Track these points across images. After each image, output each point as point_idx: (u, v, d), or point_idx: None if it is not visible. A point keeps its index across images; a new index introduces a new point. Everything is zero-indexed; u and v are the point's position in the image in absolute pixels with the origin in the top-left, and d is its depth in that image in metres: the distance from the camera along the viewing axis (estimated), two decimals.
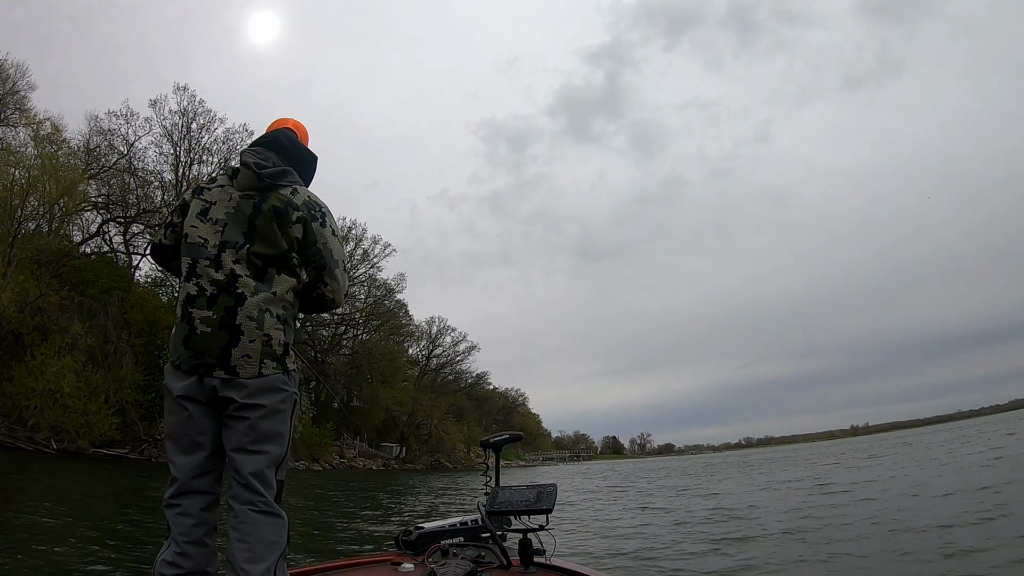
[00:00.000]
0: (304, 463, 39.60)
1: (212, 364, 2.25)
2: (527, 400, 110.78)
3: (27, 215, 26.84)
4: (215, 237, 2.39)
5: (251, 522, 2.17)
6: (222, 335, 2.26)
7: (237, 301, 2.31)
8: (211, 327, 2.27)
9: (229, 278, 2.33)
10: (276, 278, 2.41)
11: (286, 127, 2.79)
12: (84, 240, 34.42)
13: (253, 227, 2.41)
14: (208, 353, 2.25)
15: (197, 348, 2.26)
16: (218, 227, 2.41)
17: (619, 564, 8.20)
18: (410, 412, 58.10)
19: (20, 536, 8.06)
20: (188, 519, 2.21)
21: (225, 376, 2.25)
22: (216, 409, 2.29)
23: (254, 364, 2.28)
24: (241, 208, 2.43)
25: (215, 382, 2.24)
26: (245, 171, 2.47)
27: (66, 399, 23.29)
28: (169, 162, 37.08)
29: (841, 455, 28.80)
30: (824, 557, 7.52)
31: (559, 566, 2.95)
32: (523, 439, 4.63)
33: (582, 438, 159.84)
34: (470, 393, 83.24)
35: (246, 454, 2.24)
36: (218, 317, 2.28)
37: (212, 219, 2.42)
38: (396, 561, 3.06)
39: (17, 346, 24.09)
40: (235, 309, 2.30)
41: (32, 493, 13.29)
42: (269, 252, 2.41)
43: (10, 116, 30.20)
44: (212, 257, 2.36)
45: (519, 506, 3.17)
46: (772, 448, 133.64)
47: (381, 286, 57.57)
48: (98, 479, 18.37)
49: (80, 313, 27.03)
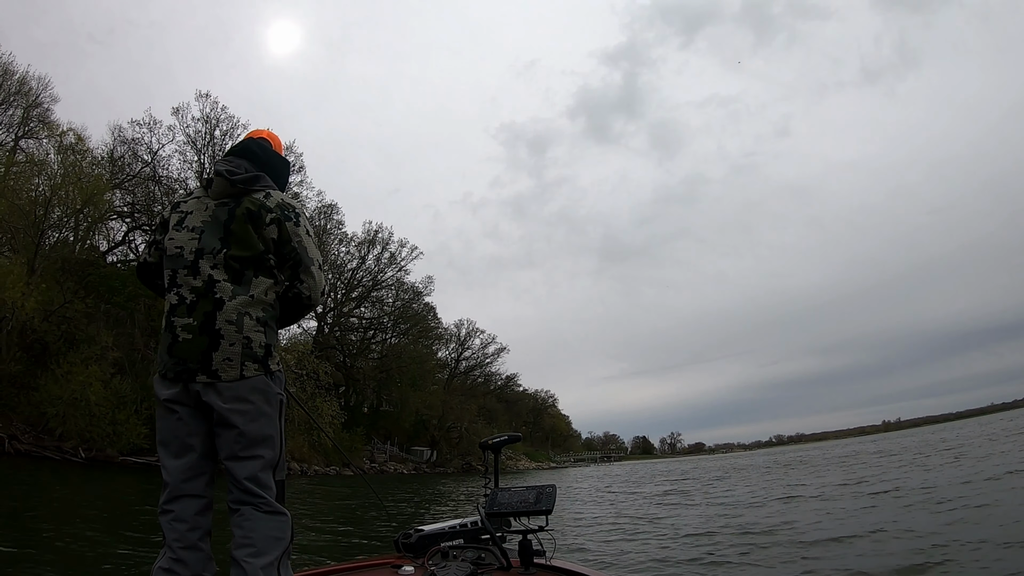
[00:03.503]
0: (335, 468, 39.25)
1: (194, 369, 2.28)
2: (557, 401, 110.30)
3: (51, 224, 26.81)
4: (191, 244, 2.42)
5: (254, 520, 2.22)
6: (202, 340, 2.30)
7: (216, 306, 2.34)
8: (192, 333, 2.31)
9: (207, 284, 2.36)
10: (253, 280, 2.43)
11: (260, 136, 2.84)
12: (110, 249, 34.50)
13: (229, 231, 2.44)
14: (190, 359, 2.28)
15: (180, 355, 2.29)
16: (194, 235, 2.44)
17: (620, 564, 7.81)
18: (440, 415, 57.58)
19: (52, 544, 7.86)
20: (182, 524, 2.22)
21: (207, 380, 2.28)
22: (205, 414, 2.30)
23: (235, 367, 2.31)
24: (216, 215, 2.46)
25: (198, 387, 2.28)
26: (218, 179, 2.51)
27: (93, 408, 23.09)
28: (193, 169, 36.93)
29: (917, 454, 26.81)
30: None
31: (559, 567, 2.96)
32: (520, 439, 4.26)
33: (612, 439, 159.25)
34: (500, 395, 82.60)
35: (239, 461, 2.28)
36: (198, 323, 2.32)
37: (188, 227, 2.45)
38: (396, 564, 3.04)
39: (44, 355, 24.00)
40: (214, 314, 2.33)
41: (63, 501, 12.96)
42: (245, 254, 2.43)
43: (34, 128, 30.37)
44: (189, 265, 2.39)
45: (518, 507, 3.17)
46: (806, 445, 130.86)
47: (409, 289, 57.30)
48: (127, 486, 18.07)
49: (106, 321, 26.95)
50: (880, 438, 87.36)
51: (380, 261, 54.06)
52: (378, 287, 55.08)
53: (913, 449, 30.76)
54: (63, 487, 16.01)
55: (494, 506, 3.24)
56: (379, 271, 54.44)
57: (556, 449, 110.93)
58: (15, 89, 29.22)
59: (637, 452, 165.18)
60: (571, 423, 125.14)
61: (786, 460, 38.73)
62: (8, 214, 24.00)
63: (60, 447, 22.24)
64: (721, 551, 8.09)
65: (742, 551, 7.99)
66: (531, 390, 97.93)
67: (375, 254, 53.76)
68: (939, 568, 6.27)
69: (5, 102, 29.12)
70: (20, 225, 24.43)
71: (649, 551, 8.50)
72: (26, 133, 30.18)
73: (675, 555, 8.07)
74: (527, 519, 3.14)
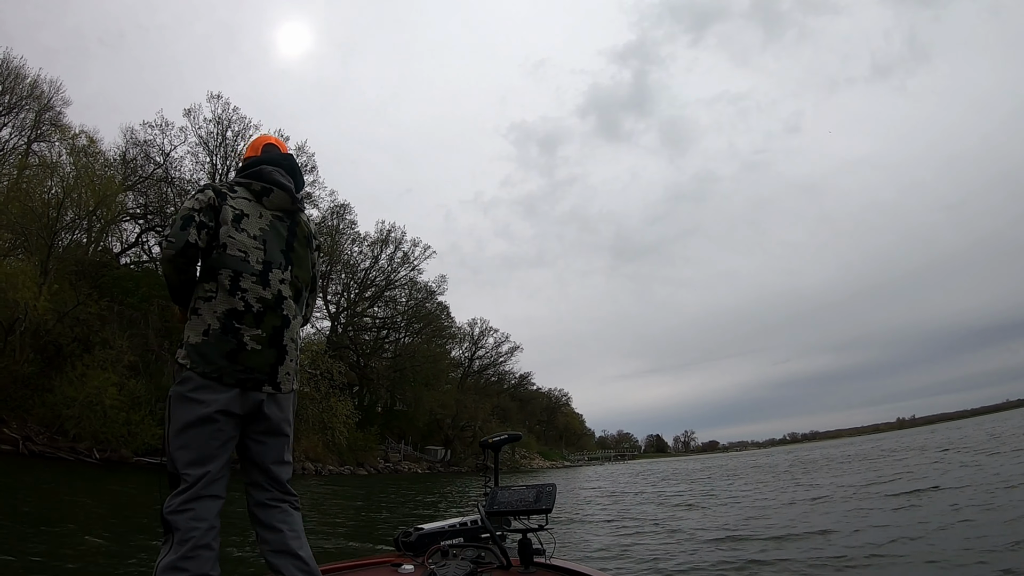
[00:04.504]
0: (349, 468, 39.20)
1: (261, 380, 2.38)
2: (570, 400, 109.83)
3: (64, 226, 26.89)
4: (257, 253, 2.46)
5: (295, 515, 2.46)
6: (271, 353, 2.41)
7: (283, 323, 2.47)
8: (261, 345, 2.39)
9: (276, 298, 2.46)
10: (306, 302, 2.68)
11: (288, 153, 2.85)
12: (123, 250, 34.68)
13: (291, 250, 2.58)
14: (258, 369, 2.37)
15: (248, 364, 2.35)
16: (258, 244, 2.48)
17: (622, 565, 7.60)
18: (454, 414, 57.46)
19: (67, 542, 7.82)
20: (202, 523, 2.21)
21: (271, 391, 2.42)
22: (240, 422, 2.38)
23: (291, 381, 2.51)
24: (276, 228, 2.55)
25: (262, 396, 2.39)
26: (280, 193, 2.61)
27: (108, 411, 23.11)
28: (206, 170, 37.10)
29: (944, 450, 25.93)
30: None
31: (559, 566, 2.96)
32: (520, 439, 4.23)
33: (625, 437, 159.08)
34: (514, 394, 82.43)
35: (283, 465, 2.48)
36: (267, 336, 2.41)
37: (248, 232, 2.47)
38: (396, 562, 3.05)
39: (58, 356, 24.07)
40: (282, 330, 2.45)
41: (78, 501, 12.86)
42: (304, 276, 2.62)
43: (46, 132, 30.51)
44: (257, 273, 2.43)
45: (518, 506, 3.18)
46: (821, 443, 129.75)
47: (422, 288, 57.14)
48: (141, 487, 18.01)
49: (120, 322, 26.99)
50: (896, 435, 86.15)
51: (393, 260, 54.02)
52: (391, 286, 55.02)
53: (937, 446, 30.13)
54: (94, 489, 15.90)
55: (494, 505, 3.26)
56: (392, 271, 54.37)
57: (570, 448, 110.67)
58: (26, 93, 29.40)
59: (651, 451, 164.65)
60: (584, 422, 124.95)
61: (810, 458, 37.93)
62: (21, 216, 24.07)
63: (74, 448, 22.26)
64: (746, 556, 7.73)
65: (766, 556, 7.63)
66: (544, 389, 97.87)
67: (388, 253, 53.71)
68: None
69: (17, 106, 29.29)
70: (33, 227, 24.50)
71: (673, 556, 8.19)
72: (38, 136, 30.37)
73: (699, 559, 7.75)
74: (527, 518, 3.15)
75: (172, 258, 2.37)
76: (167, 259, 2.38)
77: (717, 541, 8.71)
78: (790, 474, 23.41)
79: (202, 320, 2.35)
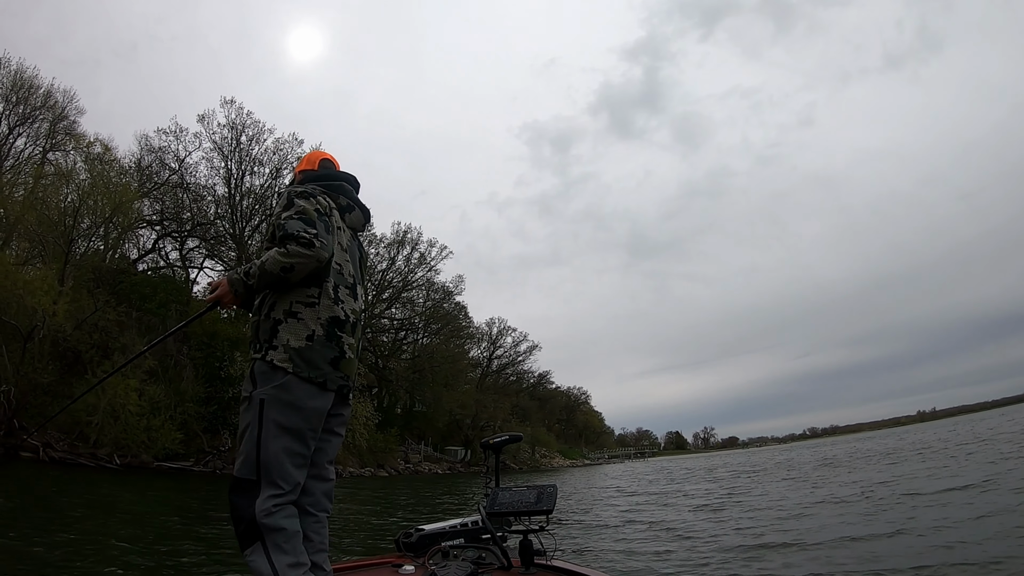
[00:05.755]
0: (370, 469, 39.12)
1: (351, 387, 2.51)
2: (589, 398, 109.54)
3: (81, 234, 27.01)
4: (347, 266, 2.56)
5: (326, 529, 2.49)
6: (356, 362, 2.54)
7: (362, 335, 2.64)
8: (354, 354, 2.51)
9: (360, 312, 2.59)
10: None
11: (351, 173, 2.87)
12: (140, 257, 34.84)
13: (362, 267, 2.74)
14: (351, 377, 2.48)
15: (346, 371, 2.44)
16: (347, 257, 2.59)
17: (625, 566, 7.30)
18: (474, 415, 57.28)
19: (90, 548, 7.60)
20: (295, 518, 2.26)
21: (351, 398, 2.59)
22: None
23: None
24: (353, 247, 2.67)
25: (349, 401, 2.57)
26: (359, 212, 2.74)
27: (129, 417, 23.13)
28: (220, 175, 37.17)
29: (983, 440, 24.84)
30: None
31: (559, 567, 2.94)
32: (521, 439, 4.12)
33: (645, 434, 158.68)
34: (533, 393, 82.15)
35: (332, 465, 2.59)
36: (357, 345, 2.55)
37: (342, 246, 2.57)
38: (396, 563, 3.04)
39: (77, 363, 24.15)
40: (360, 341, 2.60)
41: (101, 507, 12.74)
42: (364, 296, 2.71)
43: (61, 141, 30.69)
44: (350, 286, 2.54)
45: (519, 507, 3.15)
46: (842, 437, 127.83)
47: (439, 289, 57.00)
48: (163, 492, 17.99)
49: (139, 328, 27.05)
50: (918, 428, 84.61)
51: (410, 261, 53.77)
52: (408, 287, 54.86)
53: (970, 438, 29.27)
54: (128, 495, 15.88)
55: (495, 506, 3.24)
56: (409, 271, 54.15)
57: (589, 446, 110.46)
58: (40, 103, 29.51)
59: (670, 448, 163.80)
60: (604, 420, 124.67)
61: (832, 454, 36.77)
62: (38, 225, 24.18)
63: (95, 454, 22.31)
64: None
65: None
66: (563, 387, 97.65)
67: (405, 255, 53.48)
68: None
69: (31, 116, 29.44)
70: (50, 236, 24.61)
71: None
72: (53, 146, 30.52)
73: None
74: (528, 519, 3.11)
75: (320, 258, 2.33)
76: (315, 258, 2.31)
77: (742, 548, 7.99)
78: (820, 473, 22.75)
79: (304, 325, 2.34)
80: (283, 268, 2.29)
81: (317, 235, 2.31)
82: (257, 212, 38.51)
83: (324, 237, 2.34)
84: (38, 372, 21.89)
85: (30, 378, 21.69)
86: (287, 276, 2.30)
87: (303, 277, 2.35)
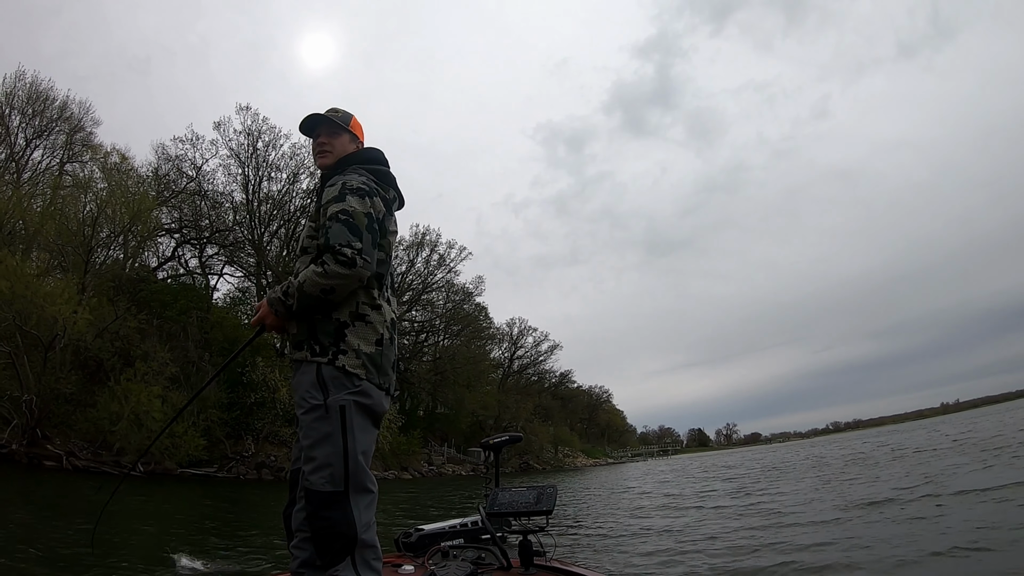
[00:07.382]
0: (393, 472, 38.98)
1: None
2: (611, 397, 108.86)
3: (100, 243, 27.12)
4: (388, 265, 2.41)
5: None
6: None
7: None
8: (397, 356, 2.42)
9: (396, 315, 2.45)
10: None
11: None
12: (160, 264, 35.01)
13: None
14: (396, 378, 2.40)
15: (395, 374, 2.37)
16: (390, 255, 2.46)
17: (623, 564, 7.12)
18: (496, 415, 57.02)
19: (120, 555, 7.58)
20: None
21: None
22: None
23: None
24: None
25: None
26: (398, 205, 2.60)
27: (151, 423, 23.13)
28: (238, 182, 37.29)
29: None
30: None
31: (559, 567, 2.93)
32: (521, 440, 4.03)
33: (667, 432, 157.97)
34: (555, 392, 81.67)
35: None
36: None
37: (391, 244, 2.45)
38: (396, 563, 3.00)
39: (99, 371, 24.20)
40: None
41: (130, 514, 12.59)
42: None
43: (78, 152, 30.91)
44: (392, 287, 2.45)
45: (519, 507, 3.14)
46: (865, 431, 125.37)
47: (459, 290, 56.77)
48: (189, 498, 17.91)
49: (160, 335, 27.12)
50: (941, 420, 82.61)
51: (429, 263, 53.62)
52: (428, 290, 54.75)
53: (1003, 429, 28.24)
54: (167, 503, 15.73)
55: (495, 506, 3.22)
56: (428, 273, 53.98)
57: (612, 445, 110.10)
58: (56, 115, 29.76)
59: (693, 445, 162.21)
60: (626, 418, 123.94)
61: (864, 450, 35.35)
62: (56, 236, 24.28)
63: (118, 462, 22.29)
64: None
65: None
66: (585, 386, 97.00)
67: (424, 256, 53.33)
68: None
69: (47, 128, 29.68)
70: (69, 246, 24.70)
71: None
72: (70, 157, 30.82)
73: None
74: (527, 519, 3.08)
75: (361, 278, 2.17)
76: (356, 278, 2.15)
77: (748, 550, 7.30)
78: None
79: (373, 329, 2.25)
80: (323, 290, 2.15)
81: (361, 251, 2.14)
82: (275, 217, 38.63)
83: (368, 253, 2.16)
84: (60, 381, 21.94)
85: (52, 387, 21.74)
86: (328, 298, 2.18)
87: (368, 278, 2.26)
